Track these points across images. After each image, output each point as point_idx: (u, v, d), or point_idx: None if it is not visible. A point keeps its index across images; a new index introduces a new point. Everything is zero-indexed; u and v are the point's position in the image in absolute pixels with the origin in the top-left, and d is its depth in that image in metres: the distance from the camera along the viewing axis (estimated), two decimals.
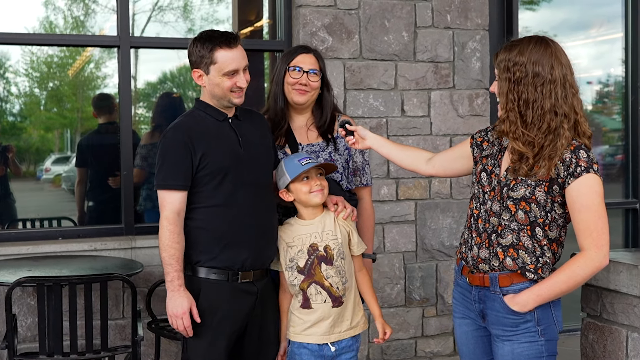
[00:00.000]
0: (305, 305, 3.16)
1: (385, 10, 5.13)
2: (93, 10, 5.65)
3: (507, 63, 2.72)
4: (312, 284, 3.14)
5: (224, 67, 3.10)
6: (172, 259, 3.02)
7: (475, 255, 2.81)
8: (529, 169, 2.68)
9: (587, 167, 2.62)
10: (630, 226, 6.13)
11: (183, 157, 3.05)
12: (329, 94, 3.51)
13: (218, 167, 3.09)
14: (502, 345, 2.79)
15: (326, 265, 3.14)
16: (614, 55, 6.28)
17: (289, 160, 3.20)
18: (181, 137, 3.08)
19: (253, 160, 3.19)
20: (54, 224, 5.33)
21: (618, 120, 6.37)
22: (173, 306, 3.03)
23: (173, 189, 3.05)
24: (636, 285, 3.08)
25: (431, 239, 5.29)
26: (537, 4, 6.43)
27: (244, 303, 3.16)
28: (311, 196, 3.16)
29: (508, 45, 2.77)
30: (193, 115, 3.20)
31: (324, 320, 3.14)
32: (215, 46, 3.10)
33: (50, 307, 3.76)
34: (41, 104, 6.23)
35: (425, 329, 5.33)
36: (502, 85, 2.74)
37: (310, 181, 3.15)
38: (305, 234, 3.18)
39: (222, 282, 3.11)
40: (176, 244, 3.03)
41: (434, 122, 5.28)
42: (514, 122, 2.70)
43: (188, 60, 3.19)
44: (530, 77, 2.67)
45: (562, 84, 2.68)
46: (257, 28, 5.86)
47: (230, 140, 3.16)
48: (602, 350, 3.24)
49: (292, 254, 3.17)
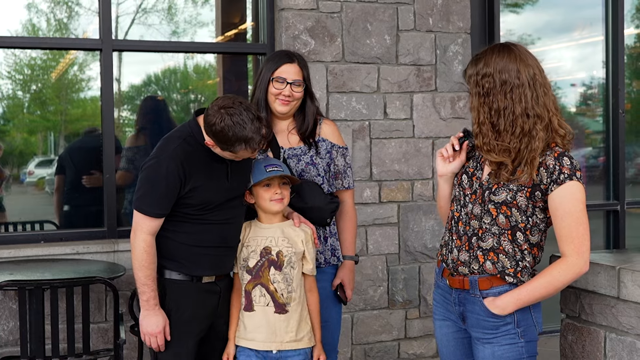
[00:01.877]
0: (247, 308, 3.19)
1: (367, 14, 5.15)
2: (76, 13, 5.65)
3: (475, 77, 2.74)
4: (258, 285, 3.17)
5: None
6: (149, 279, 3.08)
7: (455, 258, 2.83)
8: (511, 174, 2.70)
9: (570, 174, 2.64)
10: (611, 228, 6.17)
11: (173, 189, 3.06)
12: (312, 103, 3.53)
13: (201, 203, 3.13)
14: (482, 347, 2.80)
15: (275, 270, 3.17)
16: (597, 58, 6.32)
17: (258, 164, 3.23)
18: (174, 170, 3.05)
19: (236, 189, 3.22)
20: (36, 227, 5.30)
21: (601, 122, 6.42)
22: (148, 324, 3.11)
23: (156, 217, 3.09)
24: (614, 287, 3.10)
25: (414, 241, 5.31)
26: (521, 6, 6.46)
27: (208, 302, 3.23)
28: (270, 204, 3.20)
29: (473, 59, 2.79)
30: (189, 143, 3.12)
31: (265, 325, 3.15)
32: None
33: (31, 310, 3.75)
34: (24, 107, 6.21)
35: (408, 330, 5.35)
36: (473, 100, 2.77)
37: (271, 189, 3.19)
38: (262, 237, 3.22)
39: (187, 282, 3.18)
40: (152, 264, 3.09)
41: (417, 125, 5.30)
42: (486, 134, 2.72)
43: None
44: (499, 86, 2.69)
45: (531, 86, 2.69)
46: (240, 31, 5.87)
47: (220, 172, 3.16)
48: (581, 351, 3.26)
49: (245, 254, 3.22)
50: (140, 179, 3.12)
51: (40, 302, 3.75)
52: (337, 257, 3.53)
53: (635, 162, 6.72)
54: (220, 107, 2.95)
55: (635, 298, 3.01)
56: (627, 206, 6.13)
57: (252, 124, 2.94)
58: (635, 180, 6.64)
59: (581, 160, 6.46)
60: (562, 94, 6.62)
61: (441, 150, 2.99)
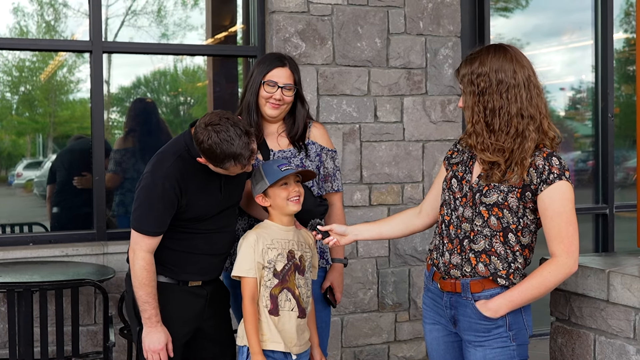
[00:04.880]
0: (273, 312, 3.13)
1: (358, 17, 5.15)
2: (65, 15, 5.62)
3: (470, 76, 2.73)
4: (284, 290, 3.13)
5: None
6: (150, 297, 3.07)
7: (447, 261, 2.82)
8: (502, 175, 2.70)
9: (560, 174, 2.65)
10: (600, 231, 6.20)
11: (170, 207, 3.06)
12: (303, 107, 3.51)
13: (196, 215, 3.14)
14: (474, 351, 2.80)
15: (299, 275, 3.15)
16: (586, 62, 6.35)
17: (268, 165, 3.19)
18: (170, 188, 3.04)
19: (229, 199, 3.22)
20: (25, 229, 5.28)
21: (590, 126, 6.44)
22: (151, 341, 3.09)
23: (155, 235, 3.08)
24: (603, 289, 3.11)
25: (404, 244, 5.32)
26: (511, 10, 6.49)
27: (194, 305, 3.22)
28: (288, 204, 3.15)
29: (468, 58, 2.79)
30: (184, 160, 3.10)
31: (290, 329, 3.13)
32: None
33: (20, 313, 3.74)
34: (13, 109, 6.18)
35: (398, 333, 5.36)
36: (467, 99, 2.75)
37: (289, 187, 3.15)
38: (284, 239, 3.17)
39: (172, 285, 3.18)
40: (153, 282, 3.08)
41: (407, 128, 5.31)
42: (480, 133, 2.72)
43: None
44: (495, 85, 2.69)
45: (526, 87, 2.70)
46: (231, 33, 5.86)
47: (214, 185, 3.15)
48: (571, 354, 3.27)
49: (271, 257, 3.12)
50: (137, 198, 3.10)
51: (29, 304, 3.73)
52: (326, 260, 3.53)
53: (625, 166, 6.74)
54: (207, 125, 2.94)
55: (624, 301, 3.02)
56: (616, 210, 6.16)
57: (240, 139, 2.92)
58: (625, 184, 6.67)
59: (570, 164, 6.49)
60: (551, 97, 6.64)
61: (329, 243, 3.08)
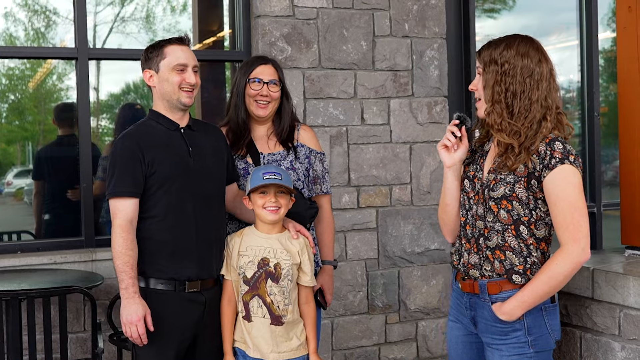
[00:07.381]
0: (246, 318, 3.17)
1: (343, 20, 5.17)
2: (54, 22, 5.62)
3: (494, 56, 2.73)
4: (255, 297, 3.14)
5: (173, 61, 3.15)
6: (127, 266, 3.04)
7: (466, 261, 2.80)
8: (515, 159, 2.67)
9: (562, 158, 2.61)
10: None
11: (133, 164, 3.08)
12: (288, 103, 3.56)
13: (165, 176, 3.11)
14: (491, 353, 2.76)
15: (272, 282, 3.14)
16: (574, 62, 6.37)
17: (257, 170, 3.21)
18: (130, 145, 3.11)
19: (202, 171, 3.20)
20: (13, 237, 5.27)
21: (578, 125, 6.47)
22: (127, 313, 3.03)
23: (124, 196, 3.07)
24: (588, 287, 3.13)
25: (393, 246, 5.33)
26: (498, 12, 6.51)
27: (192, 313, 3.18)
28: (264, 212, 3.16)
29: (494, 41, 2.79)
30: (144, 124, 3.25)
31: (264, 335, 3.14)
32: (166, 44, 3.19)
33: (8, 321, 3.73)
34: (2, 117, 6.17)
35: (389, 335, 5.36)
36: (487, 78, 2.73)
37: (266, 197, 3.15)
38: (259, 247, 3.18)
39: (169, 292, 3.14)
40: (130, 251, 3.05)
41: (394, 130, 5.32)
42: (500, 113, 2.70)
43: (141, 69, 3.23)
44: (519, 69, 2.69)
45: (547, 79, 2.72)
46: (219, 38, 5.87)
47: (180, 149, 3.18)
48: (557, 352, 3.28)
49: (242, 263, 3.17)
50: (106, 170, 3.16)
51: (17, 312, 3.72)
52: (316, 263, 3.53)
53: (614, 165, 6.77)
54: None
55: (609, 298, 3.04)
56: (605, 208, 6.17)
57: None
58: (614, 182, 6.69)
59: None
60: None
61: (443, 141, 2.86)
